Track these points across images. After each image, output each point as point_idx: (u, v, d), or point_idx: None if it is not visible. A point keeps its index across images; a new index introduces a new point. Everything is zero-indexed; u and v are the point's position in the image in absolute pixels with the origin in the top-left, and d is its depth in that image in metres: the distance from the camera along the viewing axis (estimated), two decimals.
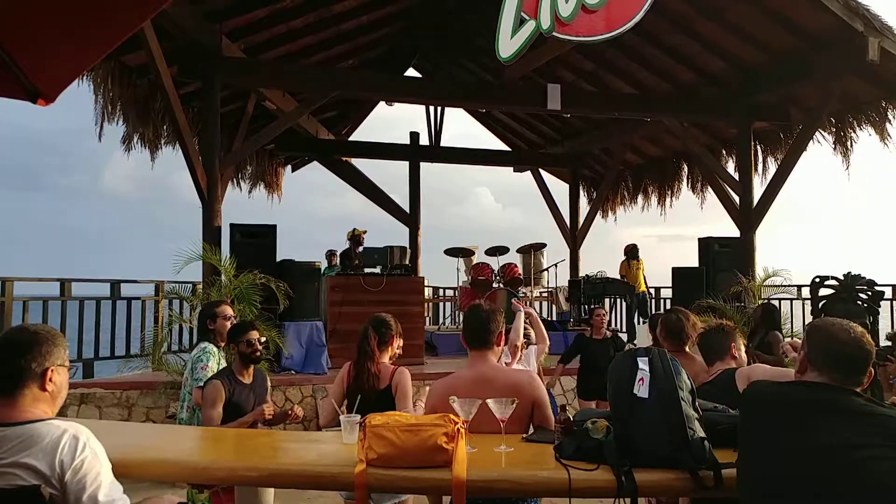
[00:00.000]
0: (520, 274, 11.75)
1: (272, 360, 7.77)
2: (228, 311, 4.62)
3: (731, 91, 10.68)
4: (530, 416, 2.98)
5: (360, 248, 10.81)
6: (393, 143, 14.85)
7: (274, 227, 8.78)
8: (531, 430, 3.00)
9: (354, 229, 10.98)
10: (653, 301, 12.85)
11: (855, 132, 10.40)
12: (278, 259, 8.82)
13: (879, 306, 5.95)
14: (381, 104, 13.92)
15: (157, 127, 9.87)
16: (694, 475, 2.40)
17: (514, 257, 12.40)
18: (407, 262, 9.84)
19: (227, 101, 10.46)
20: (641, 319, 11.50)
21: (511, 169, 16.42)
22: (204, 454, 2.93)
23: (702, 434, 2.47)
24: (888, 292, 10.18)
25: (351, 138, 15.31)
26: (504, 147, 16.63)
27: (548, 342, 5.63)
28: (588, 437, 2.54)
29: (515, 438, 2.80)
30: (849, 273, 5.89)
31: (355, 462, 2.51)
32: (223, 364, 4.48)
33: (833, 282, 5.97)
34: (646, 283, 12.22)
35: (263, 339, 4.29)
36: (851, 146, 10.43)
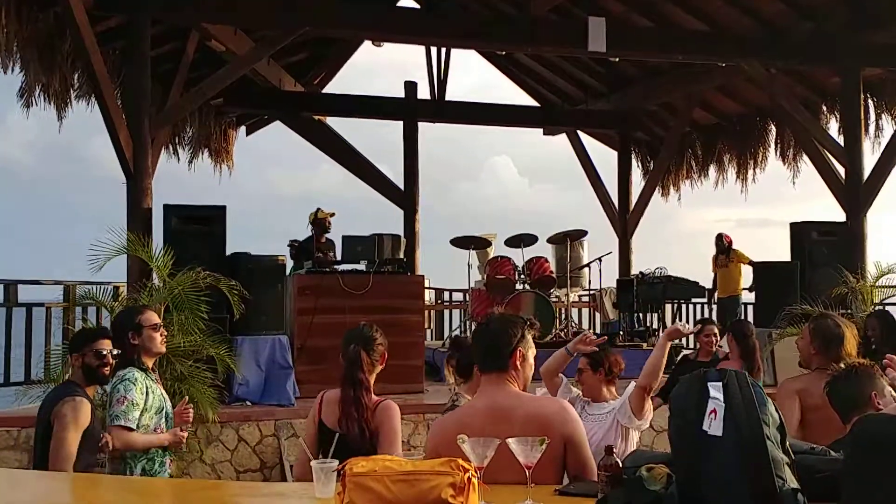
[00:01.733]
0: (552, 271, 11.74)
1: (221, 388, 7.78)
2: (154, 317, 4.72)
3: (834, 27, 10.62)
4: (563, 460, 2.99)
5: (326, 238, 10.79)
6: (382, 96, 14.83)
7: (223, 209, 8.80)
8: (566, 480, 3.01)
9: (318, 210, 10.98)
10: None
11: None
12: (229, 252, 8.84)
13: None
14: (366, 45, 13.87)
15: (65, 76, 9.86)
16: None
17: (544, 249, 12.40)
18: (401, 255, 9.83)
19: (160, 40, 10.44)
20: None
21: (540, 131, 16.39)
22: None
23: (794, 484, 2.47)
24: None
25: (325, 90, 15.29)
26: (531, 102, 16.59)
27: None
28: (642, 488, 2.54)
29: (545, 490, 2.81)
30: None
31: None
32: (156, 395, 4.51)
33: None
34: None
35: (116, 352, 4.40)
36: None
